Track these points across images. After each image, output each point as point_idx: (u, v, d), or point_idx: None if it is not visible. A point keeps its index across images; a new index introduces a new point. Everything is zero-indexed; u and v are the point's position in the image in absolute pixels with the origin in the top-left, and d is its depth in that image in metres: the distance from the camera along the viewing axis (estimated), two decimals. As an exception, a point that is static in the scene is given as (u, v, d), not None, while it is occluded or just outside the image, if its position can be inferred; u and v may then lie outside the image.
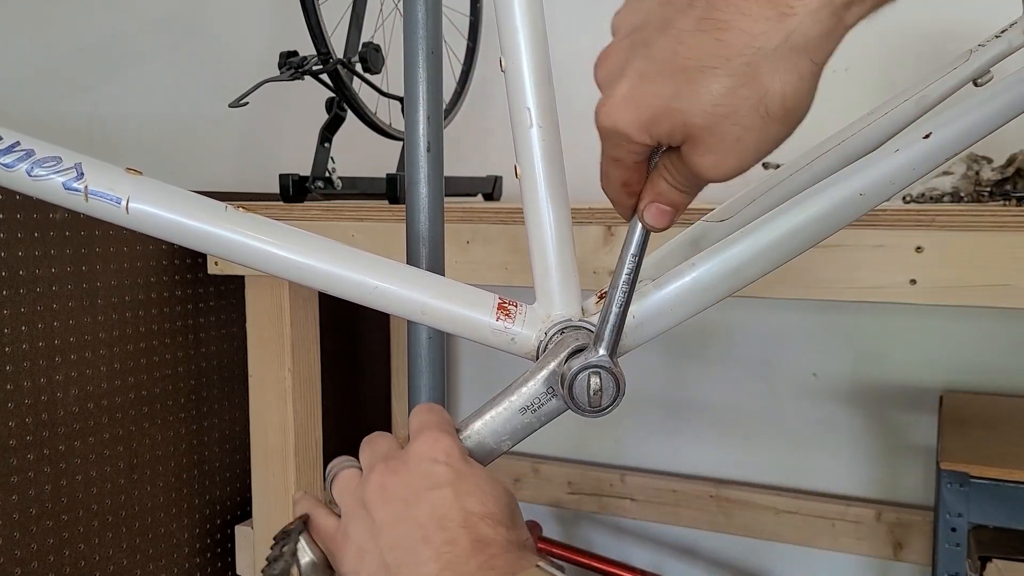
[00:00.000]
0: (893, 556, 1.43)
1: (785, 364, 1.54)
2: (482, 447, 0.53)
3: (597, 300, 0.57)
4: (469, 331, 0.56)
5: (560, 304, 0.56)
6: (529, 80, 0.55)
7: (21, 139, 0.54)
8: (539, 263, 0.56)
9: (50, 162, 0.54)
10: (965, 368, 1.42)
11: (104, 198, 0.54)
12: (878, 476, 1.50)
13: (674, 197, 0.44)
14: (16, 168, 0.53)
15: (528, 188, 0.56)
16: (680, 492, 1.56)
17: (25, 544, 1.04)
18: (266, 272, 0.57)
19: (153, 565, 1.23)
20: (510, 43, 0.55)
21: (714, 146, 0.39)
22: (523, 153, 0.55)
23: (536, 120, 0.54)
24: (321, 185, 1.25)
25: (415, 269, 0.57)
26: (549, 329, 0.55)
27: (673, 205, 0.45)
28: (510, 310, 0.56)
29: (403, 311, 0.56)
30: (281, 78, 1.16)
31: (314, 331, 1.26)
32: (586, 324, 0.55)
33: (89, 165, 0.54)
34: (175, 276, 1.24)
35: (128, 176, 0.55)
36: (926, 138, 0.53)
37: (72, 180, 0.54)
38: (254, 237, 0.55)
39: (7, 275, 1.01)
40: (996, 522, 1.02)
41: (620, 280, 0.49)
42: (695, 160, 0.40)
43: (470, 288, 0.57)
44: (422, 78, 0.67)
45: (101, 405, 1.13)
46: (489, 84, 1.65)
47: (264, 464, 1.25)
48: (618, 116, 0.41)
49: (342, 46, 1.25)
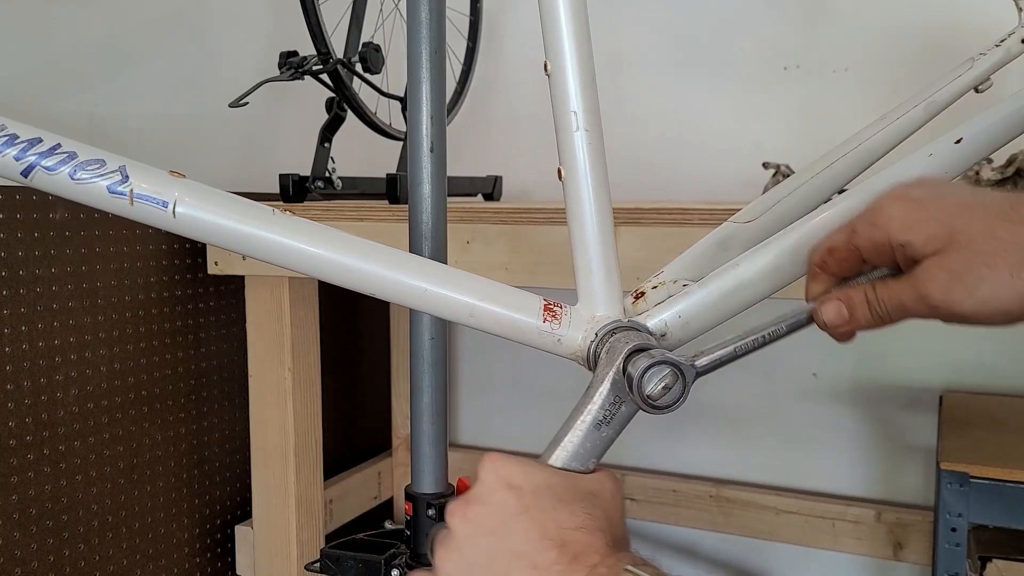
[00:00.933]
0: (893, 556, 1.43)
1: (785, 364, 1.54)
2: None
3: (634, 300, 0.58)
4: (516, 333, 0.56)
5: (603, 305, 0.56)
6: (574, 84, 0.55)
7: (63, 141, 0.53)
8: (582, 264, 0.57)
9: (93, 165, 0.52)
10: (965, 368, 1.43)
11: (150, 202, 0.52)
12: (878, 476, 1.50)
13: (861, 311, 0.47)
14: (59, 171, 0.52)
15: (572, 190, 0.56)
16: (680, 492, 1.56)
17: (25, 544, 1.04)
18: (314, 276, 0.56)
19: (153, 565, 1.23)
20: (555, 47, 0.55)
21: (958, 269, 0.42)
22: (568, 156, 0.56)
23: (583, 124, 0.55)
24: (321, 185, 1.24)
25: (462, 272, 0.57)
26: (599, 330, 0.55)
27: (852, 315, 0.47)
28: (556, 312, 0.56)
29: (452, 314, 0.56)
30: (281, 78, 1.16)
31: (314, 331, 1.26)
32: (636, 324, 0.55)
33: (133, 168, 0.53)
34: (175, 276, 1.24)
35: (173, 179, 0.53)
36: (958, 143, 0.56)
37: (117, 184, 0.52)
38: (302, 240, 0.55)
39: (7, 275, 1.01)
40: (996, 522, 1.02)
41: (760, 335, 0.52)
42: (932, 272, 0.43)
43: (516, 290, 0.57)
44: (425, 78, 0.67)
45: (101, 405, 1.13)
46: (489, 84, 1.65)
47: (264, 464, 1.25)
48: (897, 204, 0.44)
49: (342, 46, 1.25)
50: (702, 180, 1.54)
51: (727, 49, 1.52)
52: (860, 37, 1.44)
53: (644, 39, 1.58)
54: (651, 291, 0.58)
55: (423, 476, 0.72)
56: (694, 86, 1.55)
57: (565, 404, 0.53)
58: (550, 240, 1.00)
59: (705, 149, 1.54)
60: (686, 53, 1.55)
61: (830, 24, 1.46)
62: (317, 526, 1.29)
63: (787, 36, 1.48)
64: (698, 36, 1.54)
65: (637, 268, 0.65)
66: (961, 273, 0.41)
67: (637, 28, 1.58)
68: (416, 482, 0.73)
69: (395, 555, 0.75)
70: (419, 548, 0.72)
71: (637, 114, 1.57)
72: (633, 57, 1.58)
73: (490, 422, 1.79)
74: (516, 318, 0.56)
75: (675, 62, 1.56)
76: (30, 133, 0.52)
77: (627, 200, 1.18)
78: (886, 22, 1.42)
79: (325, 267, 0.55)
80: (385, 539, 0.79)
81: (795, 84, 1.48)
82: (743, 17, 1.50)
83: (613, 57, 1.60)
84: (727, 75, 1.52)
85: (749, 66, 1.51)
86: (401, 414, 1.69)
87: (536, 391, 1.68)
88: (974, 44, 1.07)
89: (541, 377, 1.66)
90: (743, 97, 1.51)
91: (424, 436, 0.72)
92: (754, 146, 1.48)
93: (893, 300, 0.45)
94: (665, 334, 0.56)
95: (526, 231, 1.01)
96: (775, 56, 1.49)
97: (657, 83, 1.57)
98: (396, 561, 0.74)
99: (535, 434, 1.72)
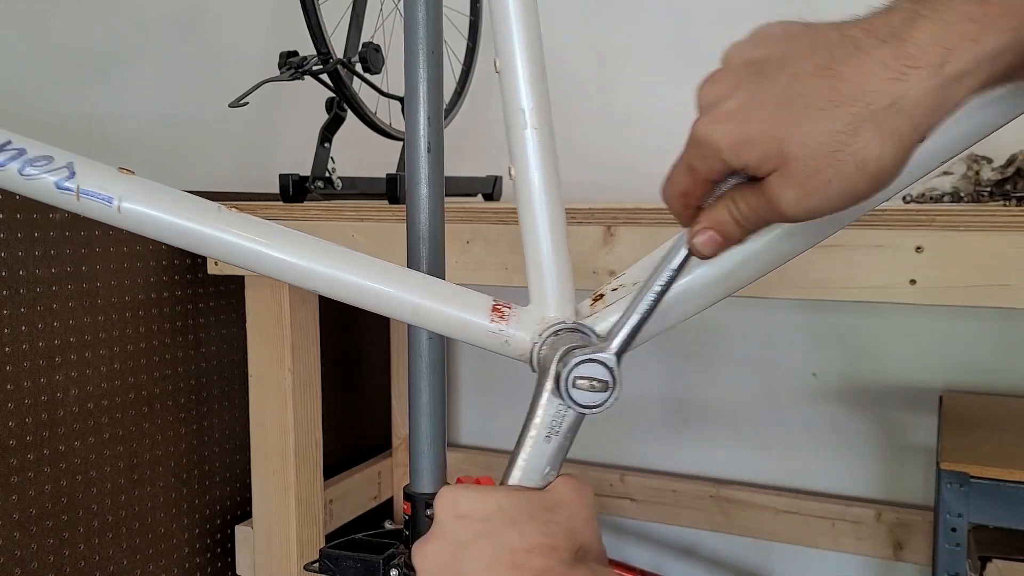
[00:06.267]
0: (893, 556, 1.43)
1: (785, 364, 1.54)
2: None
3: (592, 302, 0.57)
4: (463, 333, 0.56)
5: (554, 306, 0.56)
6: (524, 81, 0.55)
7: (13, 138, 0.54)
8: (533, 265, 0.56)
9: (42, 161, 0.53)
10: (965, 368, 1.42)
11: (96, 197, 0.53)
12: (878, 476, 1.50)
13: (730, 229, 0.45)
14: (7, 167, 0.53)
15: (523, 189, 0.56)
16: (680, 492, 1.56)
17: (25, 544, 1.04)
18: (259, 272, 0.56)
19: (153, 565, 1.23)
20: (505, 44, 0.55)
21: (802, 181, 0.40)
22: (518, 154, 0.55)
23: (531, 121, 0.54)
24: (321, 185, 1.25)
25: (409, 271, 0.57)
26: (544, 331, 0.54)
27: (726, 237, 0.45)
28: (504, 312, 0.56)
29: (395, 312, 0.56)
30: (281, 78, 1.16)
31: (314, 331, 1.26)
32: (581, 327, 0.54)
33: (81, 164, 0.54)
34: (175, 276, 1.24)
35: (120, 176, 0.54)
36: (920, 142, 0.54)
37: (64, 179, 0.53)
38: (247, 237, 0.55)
39: (7, 275, 1.01)
40: (996, 522, 1.02)
41: (652, 288, 0.48)
42: (777, 191, 0.41)
43: (464, 290, 0.57)
44: (423, 78, 0.67)
45: (101, 405, 1.13)
46: (489, 84, 1.65)
47: (264, 464, 1.25)
48: (717, 129, 0.42)
49: (342, 46, 1.25)
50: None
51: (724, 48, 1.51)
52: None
53: (639, 39, 1.58)
54: (610, 293, 0.57)
55: (422, 476, 0.72)
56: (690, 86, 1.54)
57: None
58: (549, 240, 1.00)
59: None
60: (681, 52, 1.55)
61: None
62: (317, 526, 1.29)
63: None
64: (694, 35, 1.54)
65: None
66: (806, 184, 0.40)
67: (633, 28, 1.58)
68: (415, 482, 0.73)
69: (394, 555, 0.75)
70: (418, 548, 0.72)
71: (633, 114, 1.57)
72: (629, 57, 1.58)
73: (490, 422, 1.79)
74: (463, 317, 0.55)
75: (671, 61, 1.56)
76: None
77: (626, 200, 1.18)
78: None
79: (266, 263, 0.55)
80: (384, 539, 0.79)
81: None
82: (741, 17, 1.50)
83: (609, 57, 1.60)
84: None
85: (749, 66, 1.50)
86: (401, 414, 1.69)
87: (536, 391, 1.68)
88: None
89: (541, 377, 1.66)
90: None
91: (423, 436, 0.72)
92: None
93: (755, 215, 0.43)
94: None
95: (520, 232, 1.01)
96: (775, 56, 1.48)
97: (653, 83, 1.57)
98: (395, 561, 0.74)
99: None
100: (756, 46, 0.43)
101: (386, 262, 0.57)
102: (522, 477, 0.50)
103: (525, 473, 0.50)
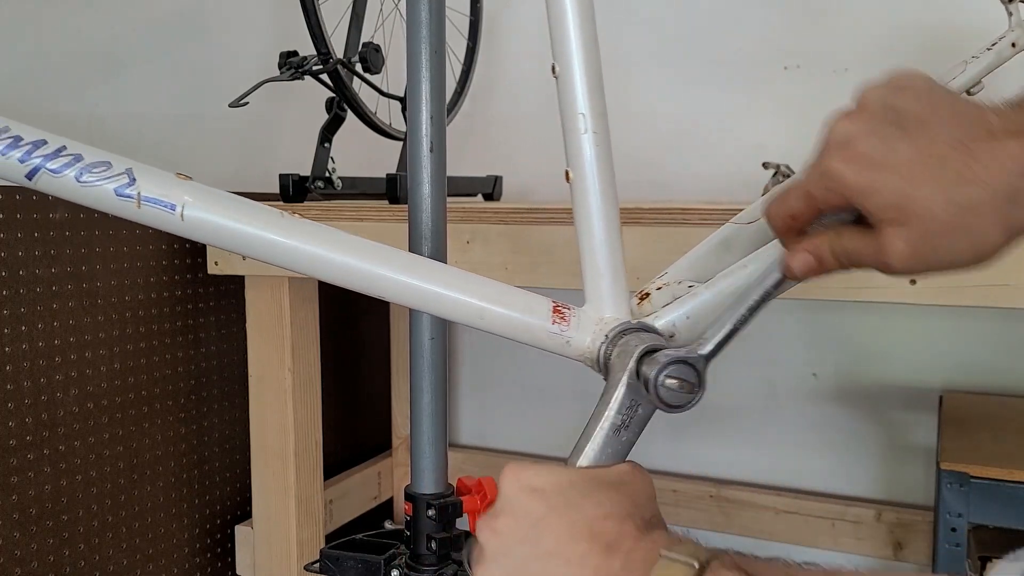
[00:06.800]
0: (893, 556, 1.43)
1: (785, 364, 1.54)
2: None
3: (639, 301, 0.58)
4: (526, 335, 0.56)
5: (611, 306, 0.57)
6: (582, 86, 0.55)
7: (68, 143, 0.51)
8: (590, 266, 0.57)
9: (100, 167, 0.51)
10: (965, 368, 1.43)
11: (158, 205, 0.51)
12: (878, 476, 1.50)
13: (827, 260, 0.47)
14: (64, 174, 0.50)
15: (579, 192, 0.57)
16: (680, 492, 1.56)
17: (25, 544, 1.04)
18: (324, 280, 0.55)
19: (153, 565, 1.23)
20: (562, 49, 0.55)
21: (916, 240, 0.42)
22: (575, 158, 0.56)
23: (590, 125, 0.55)
24: (321, 185, 1.24)
25: (472, 275, 0.57)
26: (608, 332, 0.55)
27: (821, 265, 0.48)
28: (564, 313, 0.56)
29: (462, 316, 0.56)
30: (281, 78, 1.16)
31: (314, 331, 1.26)
32: (646, 326, 0.55)
33: (140, 170, 0.52)
34: (175, 276, 1.24)
35: (181, 181, 0.53)
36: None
37: (124, 186, 0.51)
38: (311, 243, 0.54)
39: (7, 275, 1.01)
40: (996, 522, 1.02)
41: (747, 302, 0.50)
42: (890, 242, 0.43)
43: (525, 292, 0.57)
44: (425, 77, 0.67)
45: (101, 405, 1.13)
46: (489, 84, 1.65)
47: (264, 464, 1.25)
48: (850, 168, 0.44)
49: (342, 46, 1.25)
50: (702, 180, 1.54)
51: (727, 49, 1.52)
52: (860, 37, 1.44)
53: (644, 39, 1.58)
54: (656, 292, 0.58)
55: (423, 476, 0.72)
56: (693, 86, 1.55)
57: (565, 404, 0.54)
58: (550, 240, 1.00)
59: (705, 149, 1.54)
60: (685, 53, 1.55)
61: (830, 24, 1.46)
62: (317, 526, 1.29)
63: (787, 36, 1.48)
64: (697, 36, 1.54)
65: (637, 268, 0.65)
66: (920, 245, 0.42)
67: (637, 28, 1.58)
68: (416, 482, 0.73)
69: (395, 555, 0.75)
70: (419, 548, 0.72)
71: (637, 114, 1.57)
72: (633, 57, 1.58)
73: (490, 422, 1.78)
74: (526, 320, 0.56)
75: (675, 62, 1.56)
76: (34, 135, 0.51)
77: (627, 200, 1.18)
78: (886, 22, 1.42)
79: (335, 270, 0.55)
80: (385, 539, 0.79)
81: (795, 84, 1.48)
82: (743, 17, 1.50)
83: (612, 57, 1.59)
84: (727, 75, 1.52)
85: (749, 66, 1.50)
86: (401, 414, 1.69)
87: (536, 391, 1.68)
88: (973, 45, 1.08)
89: (541, 377, 1.66)
90: (743, 97, 1.51)
91: (424, 436, 0.72)
92: (754, 146, 1.48)
93: (855, 256, 0.46)
94: (674, 335, 0.56)
95: (526, 231, 1.01)
96: (775, 56, 1.49)
97: (657, 83, 1.57)
98: (396, 561, 0.74)
99: (535, 434, 1.73)
100: (896, 95, 0.44)
101: (452, 267, 0.58)
102: (588, 464, 0.52)
103: (592, 461, 0.52)
